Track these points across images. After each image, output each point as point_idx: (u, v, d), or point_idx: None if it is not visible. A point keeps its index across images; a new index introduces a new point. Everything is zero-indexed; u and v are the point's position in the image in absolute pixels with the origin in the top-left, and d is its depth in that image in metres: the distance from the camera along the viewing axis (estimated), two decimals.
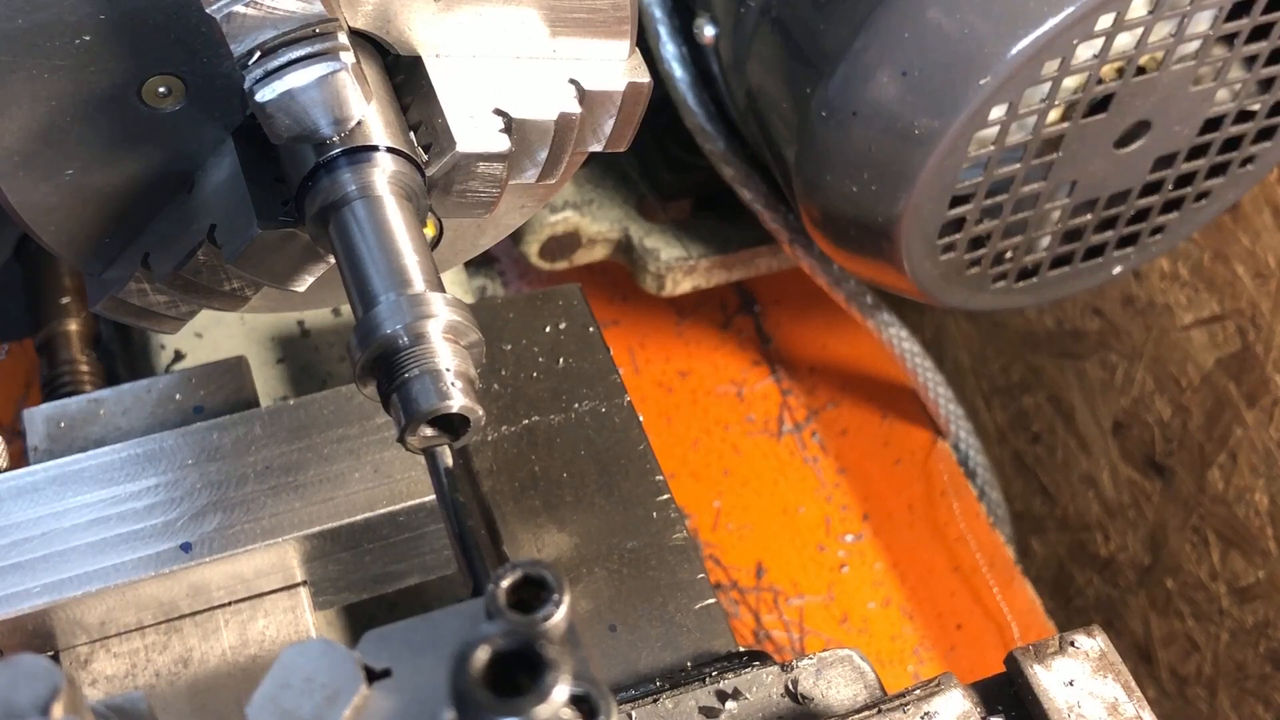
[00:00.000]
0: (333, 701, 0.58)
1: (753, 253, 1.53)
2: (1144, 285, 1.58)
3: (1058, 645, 0.84)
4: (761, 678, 0.88)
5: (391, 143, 0.86)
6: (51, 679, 0.51)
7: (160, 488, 0.92)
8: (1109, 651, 0.84)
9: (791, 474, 1.58)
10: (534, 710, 0.45)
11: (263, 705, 0.59)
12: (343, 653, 0.60)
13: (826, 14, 1.11)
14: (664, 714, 0.86)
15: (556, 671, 0.46)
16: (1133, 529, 1.69)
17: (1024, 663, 0.83)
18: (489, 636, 0.46)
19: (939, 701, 0.83)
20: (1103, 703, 0.82)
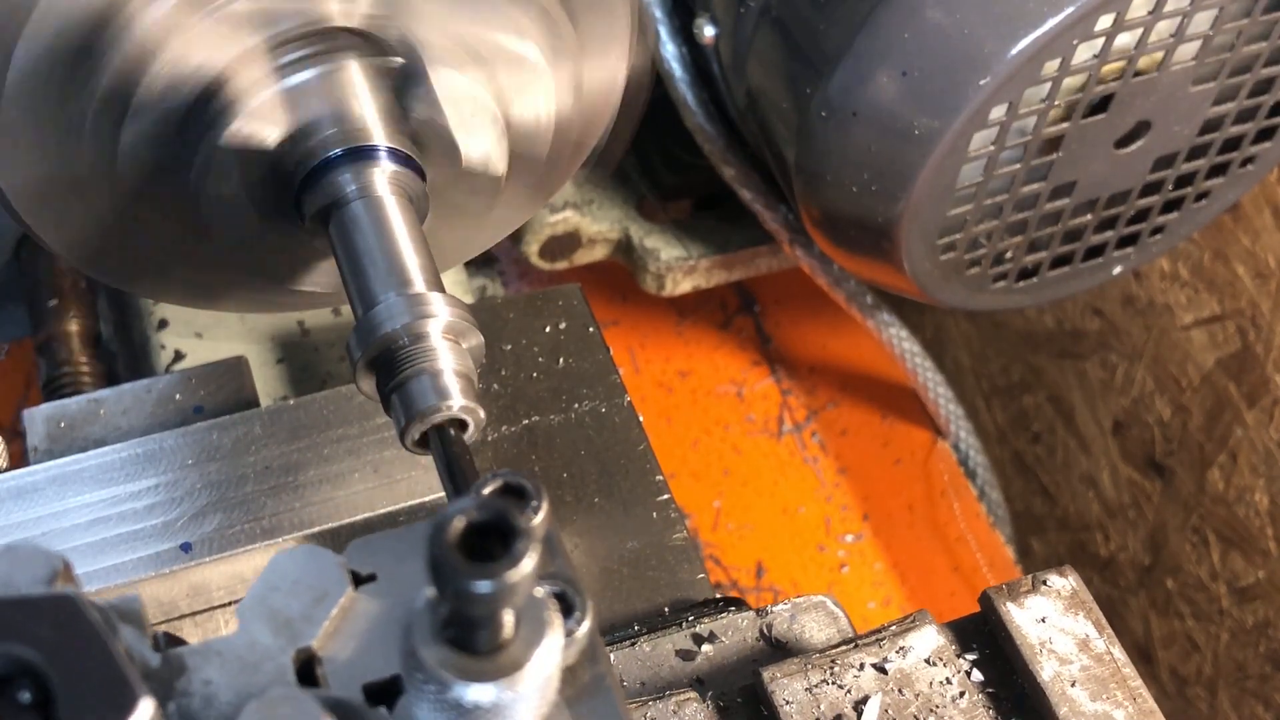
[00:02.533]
0: (320, 602, 0.60)
1: (753, 253, 1.53)
2: (1144, 285, 1.58)
3: (1030, 584, 0.86)
4: (737, 622, 0.89)
5: (392, 143, 0.86)
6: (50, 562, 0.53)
7: (160, 488, 0.92)
8: (1080, 590, 0.86)
9: (791, 474, 1.58)
10: (505, 574, 0.46)
11: (252, 606, 0.60)
12: (329, 558, 0.62)
13: (826, 14, 1.11)
14: (641, 657, 0.88)
15: (527, 540, 0.47)
16: (1133, 529, 1.69)
17: (997, 601, 0.85)
18: (465, 509, 0.48)
19: (914, 637, 0.84)
20: (1074, 639, 0.84)
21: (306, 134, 0.85)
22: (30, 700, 0.49)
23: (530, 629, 0.51)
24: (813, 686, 0.82)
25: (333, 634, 0.60)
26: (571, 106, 0.95)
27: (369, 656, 0.60)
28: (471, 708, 0.50)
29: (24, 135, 0.83)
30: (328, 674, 0.60)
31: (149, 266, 0.97)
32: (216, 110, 0.83)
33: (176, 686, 0.58)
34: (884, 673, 0.83)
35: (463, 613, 0.49)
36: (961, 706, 0.82)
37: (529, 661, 0.50)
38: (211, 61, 0.82)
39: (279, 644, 0.60)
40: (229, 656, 0.59)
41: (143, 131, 0.84)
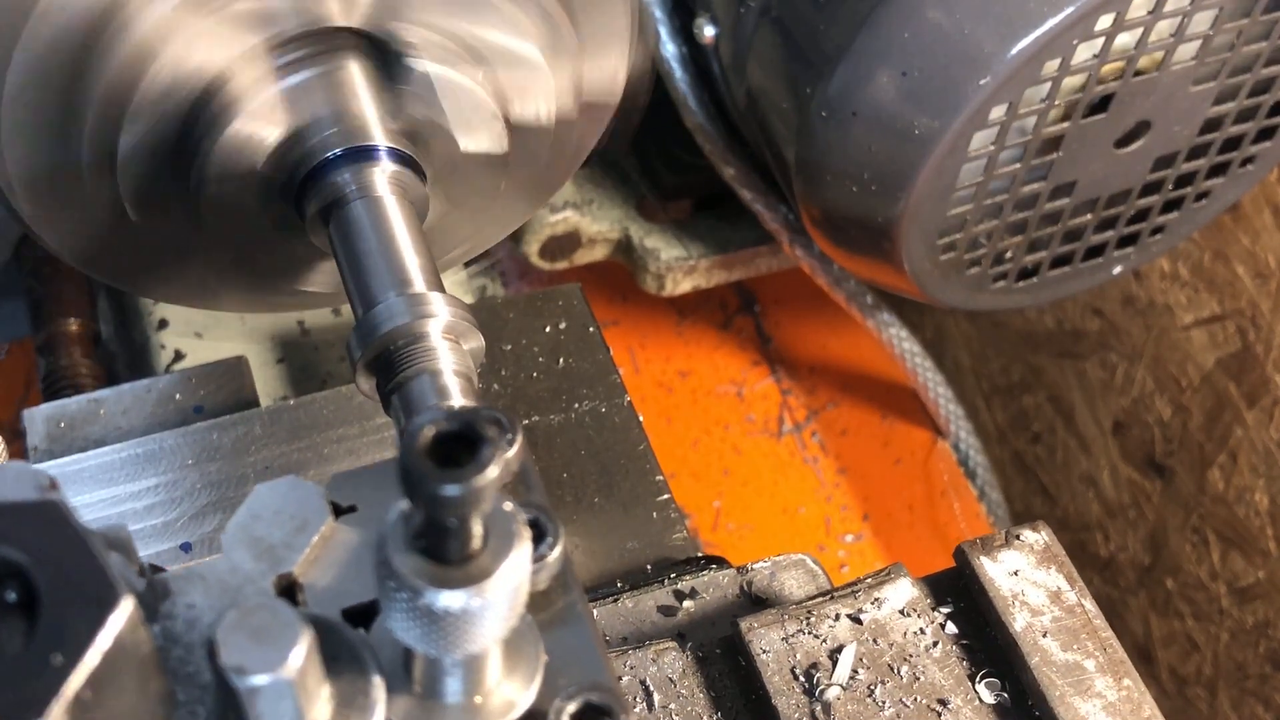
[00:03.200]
0: (301, 531, 0.63)
1: (753, 253, 1.53)
2: (1144, 285, 1.58)
3: (1004, 539, 0.88)
4: (718, 579, 0.91)
5: (391, 143, 0.86)
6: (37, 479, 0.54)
7: (160, 488, 0.92)
8: (1053, 544, 0.87)
9: (791, 474, 1.58)
10: (473, 479, 0.48)
11: (235, 534, 0.62)
12: (311, 489, 0.64)
13: (826, 14, 1.11)
14: (624, 613, 0.89)
15: (494, 447, 0.49)
16: (1133, 529, 1.69)
17: (971, 555, 0.87)
18: (435, 419, 0.50)
19: (889, 589, 0.86)
20: (1045, 591, 0.85)
21: (306, 134, 0.85)
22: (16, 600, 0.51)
23: (499, 541, 0.53)
24: (789, 636, 0.83)
25: (313, 561, 0.63)
26: (571, 105, 0.95)
27: (348, 583, 0.62)
28: (442, 614, 0.52)
29: (24, 135, 0.83)
30: (308, 599, 0.62)
31: (149, 266, 0.97)
32: (216, 110, 0.83)
33: (161, 609, 0.61)
34: (859, 623, 0.84)
35: (433, 520, 0.51)
36: (935, 656, 0.84)
37: (497, 570, 0.52)
38: (211, 61, 0.82)
39: (261, 569, 0.62)
40: (212, 581, 0.62)
41: (143, 131, 0.84)
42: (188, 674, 0.59)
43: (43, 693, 0.48)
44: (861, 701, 0.81)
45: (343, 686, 0.57)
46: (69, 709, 0.48)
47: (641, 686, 0.82)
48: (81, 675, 0.49)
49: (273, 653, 0.51)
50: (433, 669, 0.58)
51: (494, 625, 0.54)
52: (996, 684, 0.82)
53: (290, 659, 0.51)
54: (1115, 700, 0.81)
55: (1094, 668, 0.82)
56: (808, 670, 0.82)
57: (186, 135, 0.84)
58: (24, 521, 0.52)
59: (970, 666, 0.83)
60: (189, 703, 0.58)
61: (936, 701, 0.82)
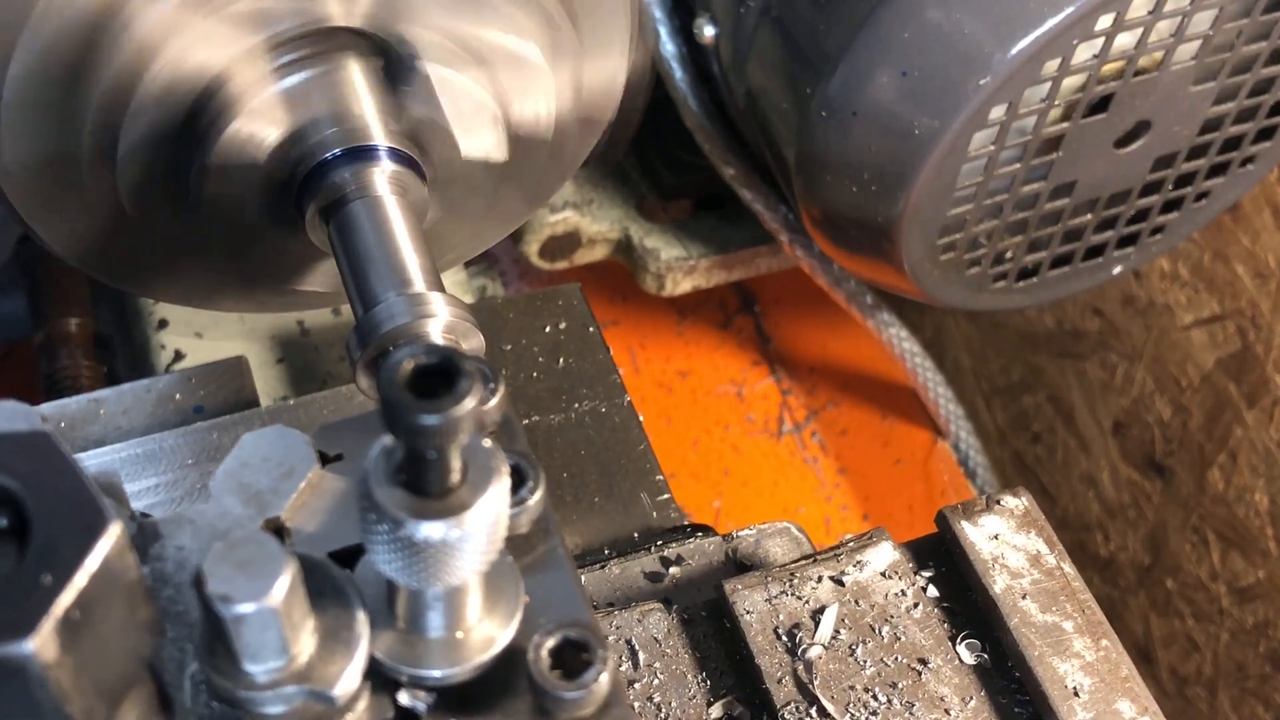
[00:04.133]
0: (288, 477, 0.65)
1: (753, 253, 1.53)
2: (1144, 285, 1.58)
3: (984, 504, 0.89)
4: (704, 546, 0.93)
5: (391, 143, 0.86)
6: (30, 417, 0.56)
7: (160, 488, 0.92)
8: (1033, 509, 0.89)
9: (791, 474, 1.58)
10: (450, 410, 0.50)
11: (223, 480, 0.65)
12: (298, 437, 0.66)
13: (826, 14, 1.11)
14: (611, 579, 0.90)
15: (470, 378, 0.50)
16: (1133, 529, 1.69)
17: (952, 519, 0.88)
18: (414, 352, 0.51)
19: (871, 553, 0.88)
20: (1025, 555, 0.86)
21: (306, 134, 0.85)
22: (6, 525, 0.52)
23: (478, 475, 0.54)
24: (772, 598, 0.84)
25: (300, 507, 0.64)
26: (571, 105, 0.95)
27: (334, 528, 0.64)
28: (422, 544, 0.54)
29: (25, 134, 0.83)
30: (295, 543, 0.64)
31: (149, 266, 0.97)
32: (216, 110, 0.83)
33: (151, 552, 0.62)
34: (841, 585, 0.86)
35: (414, 452, 0.52)
36: (916, 617, 0.85)
37: (476, 503, 0.54)
38: (212, 61, 0.82)
39: (249, 514, 0.64)
40: (201, 524, 0.63)
41: (142, 131, 0.84)
42: (177, 613, 0.61)
43: (33, 611, 0.49)
44: (843, 661, 0.82)
45: (327, 621, 0.59)
46: (58, 627, 0.50)
47: (627, 645, 0.83)
48: (70, 595, 0.50)
49: (258, 582, 0.53)
50: (415, 603, 0.60)
51: (473, 557, 0.55)
52: (976, 645, 0.84)
53: (275, 588, 0.53)
54: (1093, 660, 0.82)
55: (1072, 629, 0.83)
56: (790, 630, 0.83)
57: (186, 134, 0.84)
58: (16, 451, 0.53)
59: (951, 628, 0.85)
60: (178, 640, 0.60)
61: (917, 661, 0.83)
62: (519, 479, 0.64)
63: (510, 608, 0.62)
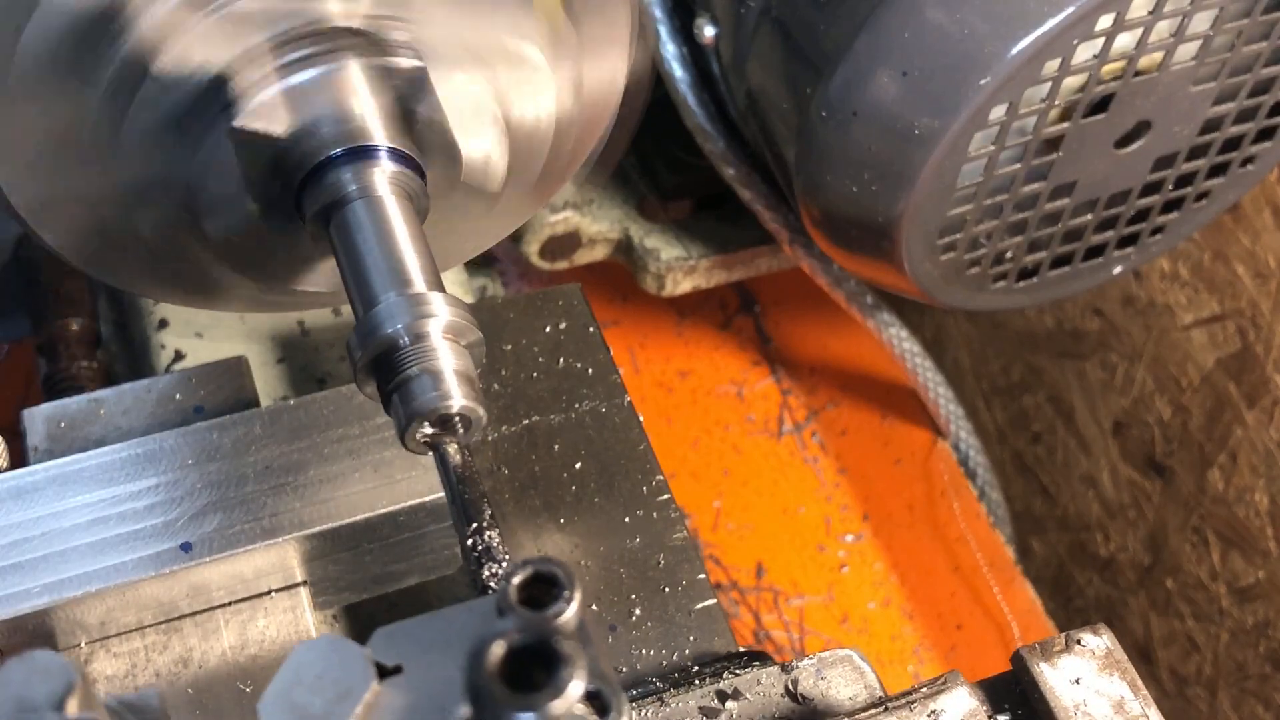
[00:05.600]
0: (344, 698, 0.58)
1: (753, 253, 1.53)
2: (1144, 285, 1.58)
3: (1064, 644, 0.84)
4: (761, 678, 0.87)
5: (392, 143, 0.86)
6: (66, 675, 0.52)
7: (160, 488, 0.92)
8: (1115, 649, 0.84)
9: (791, 474, 1.58)
10: (550, 705, 0.45)
11: (275, 702, 0.59)
12: (354, 649, 0.60)
13: (826, 14, 1.11)
14: (664, 714, 0.86)
15: (572, 667, 0.46)
16: (1133, 529, 1.69)
17: (1030, 661, 0.83)
18: (504, 632, 0.47)
19: (945, 700, 0.83)
20: (1109, 700, 0.82)
21: (307, 133, 0.85)
22: None
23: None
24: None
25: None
26: (572, 106, 0.95)
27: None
28: None
29: (25, 135, 0.83)
30: None
31: (149, 266, 0.97)
32: (217, 110, 0.83)
33: None
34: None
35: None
36: None
37: None
38: (213, 60, 0.82)
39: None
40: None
41: (143, 131, 0.84)
42: None
43: None
44: None
45: None
46: None
47: None
48: None
49: None
50: None
51: None
52: None
53: None
54: None
55: None
56: None
57: (187, 134, 0.84)
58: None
59: None
60: None
61: None
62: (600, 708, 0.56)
63: None
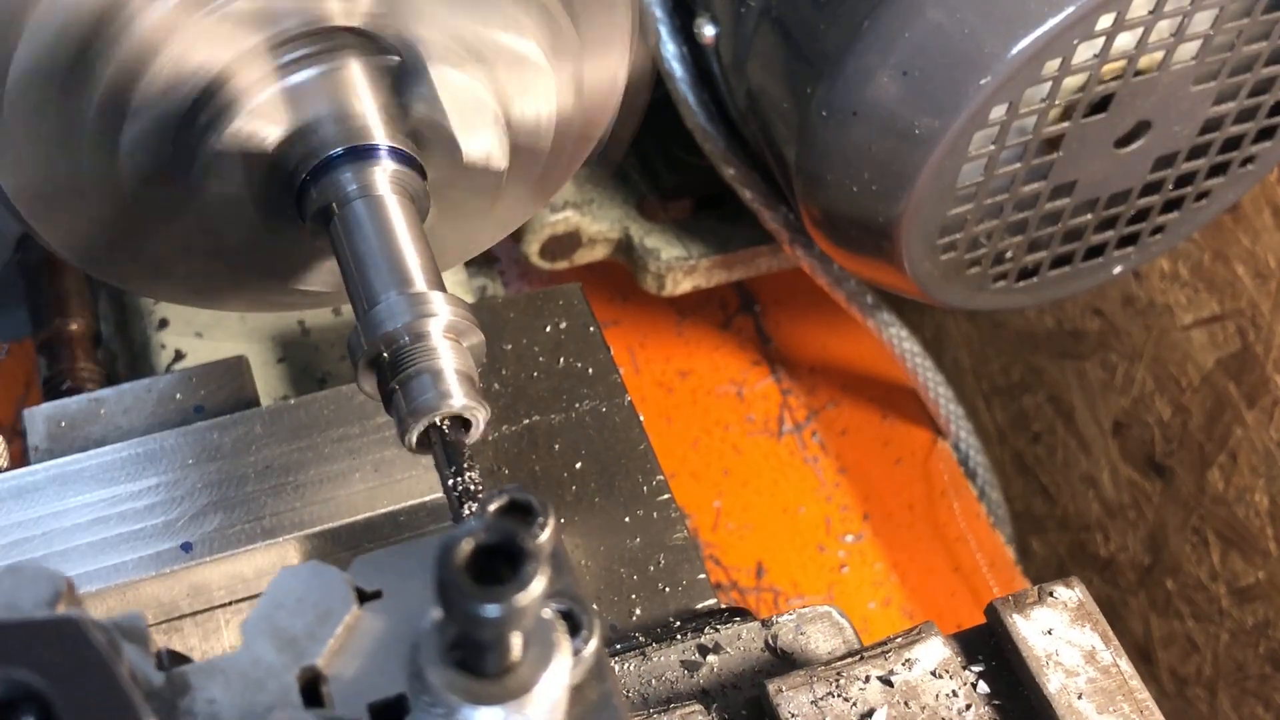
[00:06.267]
0: (325, 620, 0.60)
1: (753, 253, 1.53)
2: (1144, 285, 1.58)
3: (1037, 595, 0.86)
4: (742, 633, 0.89)
5: (392, 142, 0.86)
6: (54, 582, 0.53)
7: (160, 488, 0.92)
8: (1087, 601, 0.86)
9: (791, 474, 1.58)
10: (514, 597, 0.46)
11: (257, 624, 0.60)
12: (335, 575, 0.61)
13: (826, 14, 1.11)
14: (646, 669, 0.87)
15: (536, 562, 0.47)
16: (1133, 529, 1.69)
17: (1004, 613, 0.85)
18: (473, 531, 0.48)
19: (920, 649, 0.84)
20: (1080, 651, 0.84)
21: (307, 133, 0.85)
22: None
23: (538, 651, 0.51)
24: (818, 699, 0.81)
25: (338, 652, 0.60)
26: (572, 105, 0.95)
27: (374, 675, 0.59)
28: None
29: (25, 135, 0.83)
30: (332, 693, 0.59)
31: (149, 266, 0.97)
32: (217, 109, 0.83)
33: (180, 705, 0.58)
34: (890, 685, 0.82)
35: (470, 635, 0.49)
36: (968, 719, 0.82)
37: (537, 684, 0.50)
38: (212, 61, 0.82)
39: (283, 662, 0.59)
40: (233, 675, 0.59)
41: (143, 131, 0.84)
42: None
43: None
44: None
45: None
46: None
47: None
48: None
49: None
50: None
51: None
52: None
53: None
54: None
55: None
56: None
57: (187, 134, 0.84)
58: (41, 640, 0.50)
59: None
60: None
61: None
62: (573, 627, 0.59)
63: None
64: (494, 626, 0.47)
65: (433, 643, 0.50)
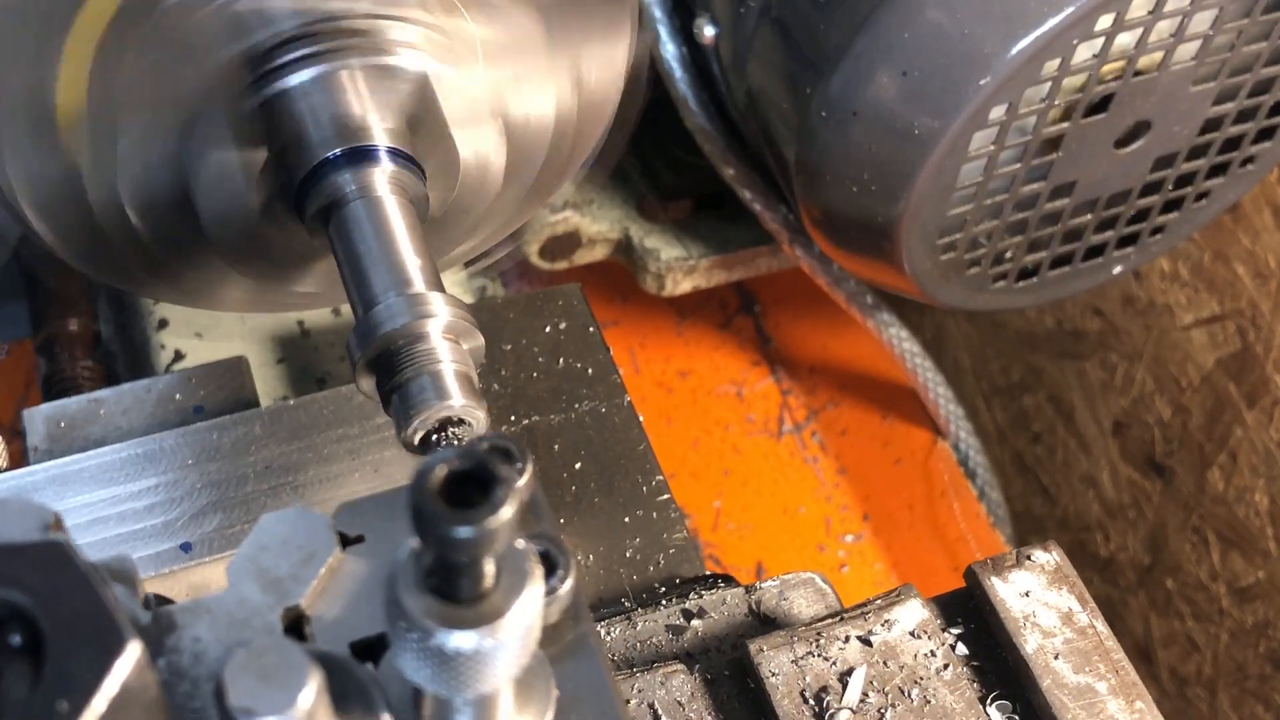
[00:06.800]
0: (308, 562, 0.62)
1: (753, 253, 1.53)
2: (1144, 285, 1.58)
3: (1015, 559, 0.87)
4: (726, 598, 0.91)
5: (391, 143, 0.86)
6: (42, 515, 0.54)
7: (160, 488, 0.92)
8: (1064, 564, 0.87)
9: (791, 474, 1.58)
10: (485, 520, 0.47)
11: (241, 565, 0.62)
12: (319, 519, 0.63)
13: (826, 14, 1.11)
14: (632, 633, 0.89)
15: (508, 487, 0.48)
16: (1133, 529, 1.69)
17: (982, 576, 0.86)
18: (447, 458, 0.49)
19: (899, 611, 0.86)
20: (1057, 612, 0.85)
21: (306, 134, 0.85)
22: (20, 644, 0.50)
23: (511, 579, 0.52)
24: (799, 659, 0.83)
25: (321, 593, 0.62)
26: (571, 104, 0.95)
27: (356, 615, 0.61)
28: (454, 655, 0.51)
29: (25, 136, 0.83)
30: (315, 632, 0.61)
31: (149, 266, 0.97)
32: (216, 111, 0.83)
33: (166, 643, 0.60)
34: (869, 645, 0.84)
35: (445, 560, 0.50)
36: (946, 679, 0.83)
37: (510, 610, 0.51)
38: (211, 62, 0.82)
39: (268, 602, 0.61)
40: (218, 614, 0.61)
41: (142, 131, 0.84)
42: (194, 710, 0.58)
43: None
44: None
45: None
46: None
47: (650, 710, 0.81)
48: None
49: (281, 694, 0.50)
50: (442, 707, 0.57)
51: (506, 665, 0.53)
52: (1007, 706, 0.82)
53: (299, 700, 0.50)
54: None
55: (1106, 690, 0.81)
56: (818, 693, 0.81)
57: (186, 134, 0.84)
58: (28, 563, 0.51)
59: (981, 688, 0.83)
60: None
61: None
62: (549, 566, 0.61)
63: (541, 705, 0.60)
64: (466, 549, 0.48)
65: (409, 571, 0.52)
